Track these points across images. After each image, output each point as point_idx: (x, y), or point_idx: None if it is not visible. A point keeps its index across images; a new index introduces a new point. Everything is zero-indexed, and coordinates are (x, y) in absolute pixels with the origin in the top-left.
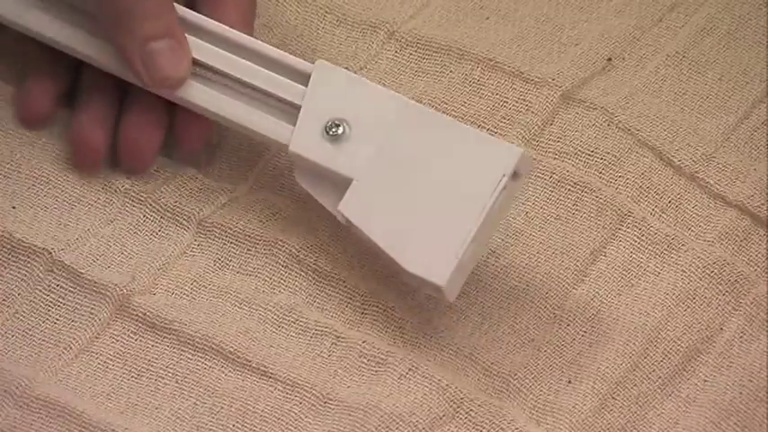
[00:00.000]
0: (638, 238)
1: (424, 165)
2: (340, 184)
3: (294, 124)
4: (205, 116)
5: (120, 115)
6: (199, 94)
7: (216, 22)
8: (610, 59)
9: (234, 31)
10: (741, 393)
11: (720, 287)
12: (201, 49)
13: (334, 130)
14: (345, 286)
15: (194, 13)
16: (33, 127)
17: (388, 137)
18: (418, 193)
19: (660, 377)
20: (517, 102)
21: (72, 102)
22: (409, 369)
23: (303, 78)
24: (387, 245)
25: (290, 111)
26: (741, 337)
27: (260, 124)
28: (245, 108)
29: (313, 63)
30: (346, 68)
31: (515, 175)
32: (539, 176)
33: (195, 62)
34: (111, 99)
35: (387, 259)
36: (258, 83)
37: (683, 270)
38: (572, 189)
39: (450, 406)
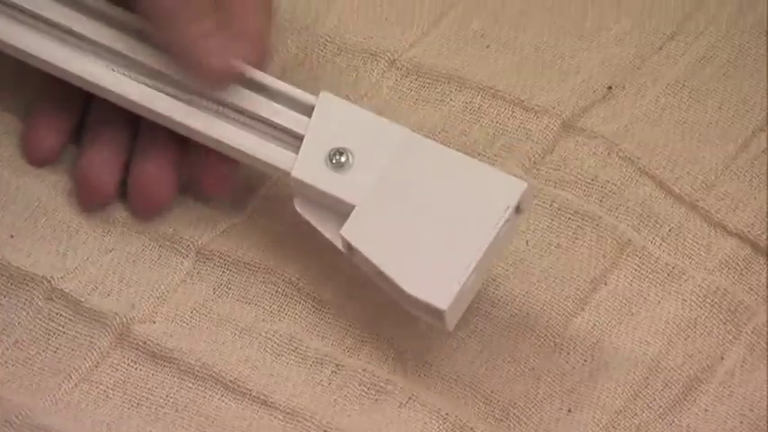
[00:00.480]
0: (638, 266)
1: (427, 194)
2: (341, 212)
3: (297, 153)
4: (228, 156)
5: (132, 154)
6: (203, 123)
7: None
8: (610, 88)
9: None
10: (742, 423)
11: (721, 316)
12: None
13: (337, 158)
14: (345, 315)
15: None
16: (40, 166)
17: (392, 167)
18: (421, 220)
19: (661, 406)
20: (517, 130)
21: (78, 135)
22: (409, 398)
23: (307, 110)
24: (389, 269)
25: (293, 141)
26: (742, 366)
27: (263, 152)
28: (247, 136)
29: (316, 94)
30: (347, 97)
31: (518, 209)
32: (539, 205)
33: (199, 92)
34: (122, 136)
35: (388, 284)
36: (261, 112)
37: (683, 299)
38: (572, 218)
39: None
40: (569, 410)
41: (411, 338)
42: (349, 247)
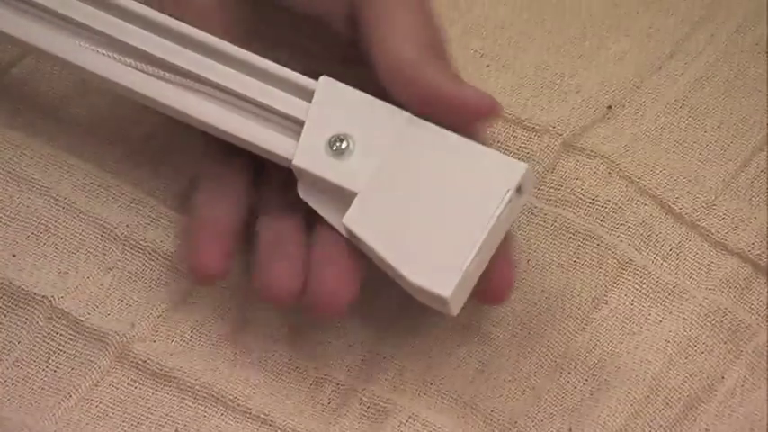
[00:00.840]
0: (639, 286)
1: (428, 178)
2: (344, 199)
3: (296, 139)
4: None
5: (310, 255)
6: (202, 109)
7: (216, 38)
8: (610, 107)
9: (236, 47)
10: None
11: (722, 335)
12: (203, 65)
13: (337, 144)
14: (346, 334)
15: (194, 28)
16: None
17: (392, 151)
18: (423, 206)
19: (661, 425)
20: (518, 150)
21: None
22: (409, 417)
23: (306, 95)
24: (391, 257)
25: (294, 127)
26: (743, 385)
27: (263, 139)
28: (248, 123)
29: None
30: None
31: (519, 190)
32: (540, 224)
33: (198, 78)
34: (298, 237)
35: (392, 272)
36: (261, 98)
37: (684, 318)
38: (573, 237)
39: None
40: (570, 429)
41: (411, 357)
42: (352, 234)
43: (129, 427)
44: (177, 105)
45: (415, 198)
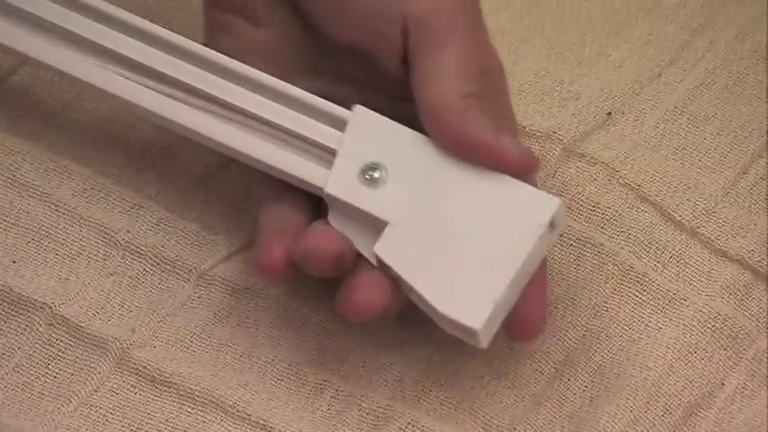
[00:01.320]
0: (639, 293)
1: (460, 210)
2: (375, 228)
3: (329, 168)
4: None
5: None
6: (235, 138)
7: (249, 67)
8: (610, 114)
9: (268, 76)
10: None
11: (721, 342)
12: (236, 94)
13: (370, 173)
14: (346, 341)
15: (227, 57)
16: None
17: (425, 181)
18: (454, 237)
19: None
20: None
21: None
22: (408, 423)
23: (338, 123)
24: (422, 287)
25: (325, 155)
26: (742, 392)
27: (295, 167)
28: (279, 151)
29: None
30: None
31: (551, 225)
32: None
33: (230, 107)
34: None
35: (422, 302)
36: (293, 127)
37: (684, 325)
38: (574, 244)
39: None
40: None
41: (410, 364)
42: (382, 263)
43: None
44: (211, 134)
45: (446, 229)
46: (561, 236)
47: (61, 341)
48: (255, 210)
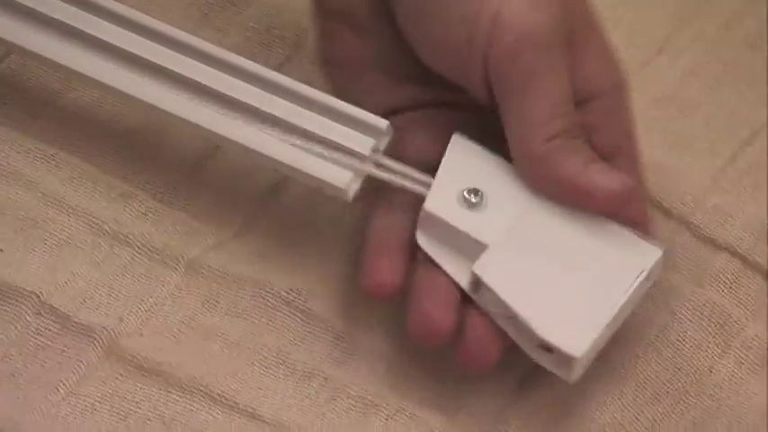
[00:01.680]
0: None
1: (561, 243)
2: (468, 252)
3: (352, 172)
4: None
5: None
6: (270, 146)
7: (293, 81)
8: None
9: (310, 88)
10: None
11: (710, 329)
12: (277, 105)
13: (470, 197)
14: (333, 328)
15: (277, 74)
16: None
17: (524, 212)
18: (554, 268)
19: (649, 419)
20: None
21: None
22: (396, 410)
23: (350, 121)
24: (522, 310)
25: (343, 157)
26: (730, 379)
27: (315, 168)
28: (297, 153)
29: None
30: None
31: (648, 276)
32: None
33: (270, 118)
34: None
35: (516, 327)
36: (332, 137)
37: (673, 313)
38: None
39: None
40: (557, 423)
41: (399, 351)
42: (476, 284)
43: (116, 422)
44: (241, 140)
45: (546, 259)
46: None
47: (49, 330)
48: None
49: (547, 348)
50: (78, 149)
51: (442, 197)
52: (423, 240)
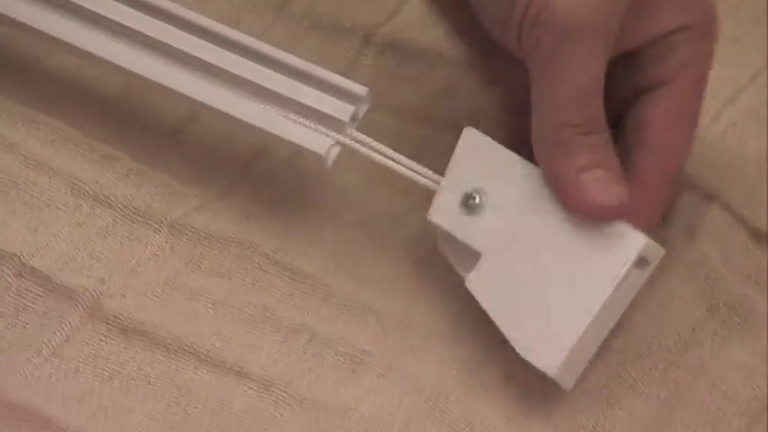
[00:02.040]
0: None
1: (550, 245)
2: (473, 255)
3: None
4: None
5: None
6: (249, 113)
7: (272, 48)
8: None
9: (290, 55)
10: (712, 394)
11: (697, 288)
12: (256, 72)
13: (471, 200)
14: (322, 284)
15: (256, 40)
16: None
17: (522, 211)
18: (541, 275)
19: (631, 377)
20: (497, 105)
21: None
22: (387, 368)
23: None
24: (504, 327)
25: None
26: (713, 338)
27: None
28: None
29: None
30: None
31: (643, 263)
32: None
33: (250, 86)
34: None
35: None
36: (311, 103)
37: (662, 269)
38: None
39: (428, 405)
40: (544, 378)
41: (389, 308)
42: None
43: (100, 383)
44: (219, 107)
45: (534, 265)
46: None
47: (31, 292)
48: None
49: None
50: (60, 112)
51: (444, 203)
52: (442, 247)
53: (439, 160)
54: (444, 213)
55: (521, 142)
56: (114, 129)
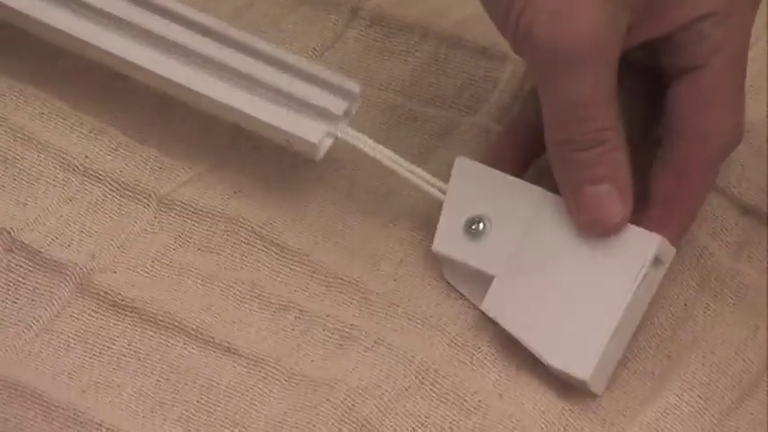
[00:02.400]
0: None
1: (563, 259)
2: (484, 280)
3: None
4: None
5: None
6: (244, 102)
7: (270, 45)
8: None
9: (287, 52)
10: (704, 365)
11: (687, 263)
12: (254, 67)
13: (474, 226)
14: (309, 260)
15: (255, 38)
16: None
17: (528, 231)
18: (559, 287)
19: (626, 355)
20: (484, 79)
21: None
22: (374, 342)
23: (346, 95)
24: (530, 341)
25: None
26: (705, 311)
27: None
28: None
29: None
30: (314, 49)
31: (658, 262)
32: None
33: (247, 78)
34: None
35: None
36: (306, 97)
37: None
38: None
39: (417, 378)
40: (536, 357)
41: (376, 282)
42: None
43: (90, 358)
44: (215, 96)
45: (550, 279)
46: None
47: (21, 267)
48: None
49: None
50: (48, 85)
51: (447, 233)
52: (449, 275)
53: (424, 135)
54: (449, 243)
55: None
56: (103, 101)
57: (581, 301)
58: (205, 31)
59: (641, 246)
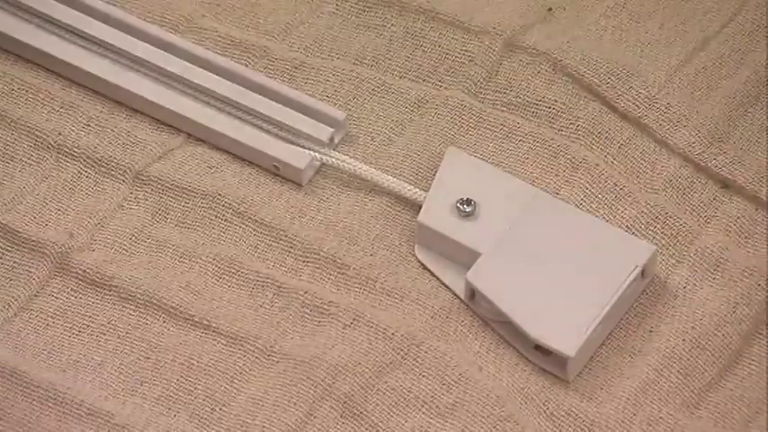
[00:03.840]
0: (589, 185)
1: (553, 248)
2: (463, 260)
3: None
4: None
5: None
6: (232, 128)
7: (257, 73)
8: (550, 9)
9: (275, 81)
10: (684, 341)
11: (665, 240)
12: (242, 95)
13: (464, 207)
14: (286, 236)
15: (245, 68)
16: None
17: (518, 220)
18: (547, 272)
19: (606, 328)
20: (460, 53)
21: None
22: (353, 319)
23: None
24: (515, 314)
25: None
26: (685, 287)
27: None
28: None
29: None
30: (288, 24)
31: (643, 274)
32: (488, 129)
33: (236, 106)
34: None
35: (512, 331)
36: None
37: (629, 223)
38: (524, 139)
39: (398, 353)
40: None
41: (353, 256)
42: (472, 292)
43: (70, 336)
44: (204, 122)
45: (539, 264)
46: (509, 132)
47: None
48: None
49: (543, 350)
50: (15, 60)
51: (435, 209)
52: (421, 254)
53: (398, 107)
54: (436, 218)
55: None
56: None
57: (570, 289)
58: (193, 59)
59: (635, 250)
